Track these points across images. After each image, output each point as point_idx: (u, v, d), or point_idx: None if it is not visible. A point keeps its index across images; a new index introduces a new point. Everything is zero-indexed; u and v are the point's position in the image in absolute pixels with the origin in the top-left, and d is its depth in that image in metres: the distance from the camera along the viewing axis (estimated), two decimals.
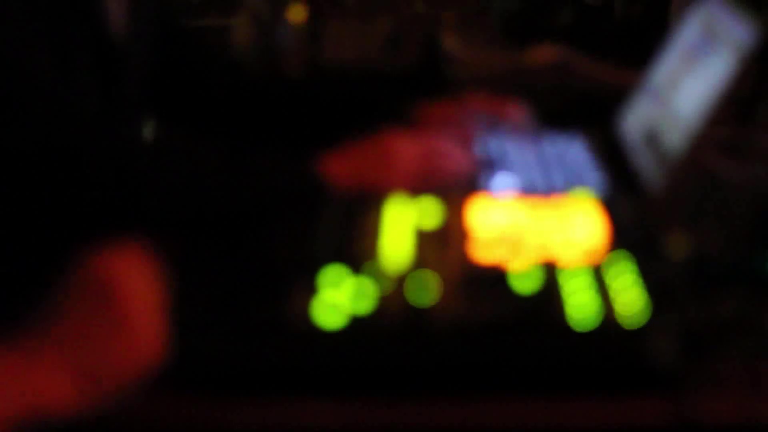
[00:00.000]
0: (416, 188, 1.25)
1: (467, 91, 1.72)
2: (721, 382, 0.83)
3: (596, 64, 1.77)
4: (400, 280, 0.89)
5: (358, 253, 0.94)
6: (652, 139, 1.25)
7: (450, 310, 0.84)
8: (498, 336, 0.81)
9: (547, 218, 0.99)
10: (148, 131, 1.50)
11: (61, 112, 1.17)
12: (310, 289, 0.87)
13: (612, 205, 1.01)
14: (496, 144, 1.41)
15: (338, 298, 0.86)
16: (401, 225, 1.00)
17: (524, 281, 0.87)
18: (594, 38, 1.91)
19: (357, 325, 0.83)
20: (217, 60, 1.51)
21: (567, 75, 1.74)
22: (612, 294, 0.85)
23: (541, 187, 1.26)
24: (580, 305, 0.83)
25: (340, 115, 1.43)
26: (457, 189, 1.26)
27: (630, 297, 0.84)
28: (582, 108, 1.69)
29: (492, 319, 0.83)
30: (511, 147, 1.39)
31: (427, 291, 0.87)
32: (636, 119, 1.36)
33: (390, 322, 0.83)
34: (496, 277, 0.89)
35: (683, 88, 1.24)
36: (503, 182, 1.27)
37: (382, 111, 1.41)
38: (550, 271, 0.89)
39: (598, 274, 0.88)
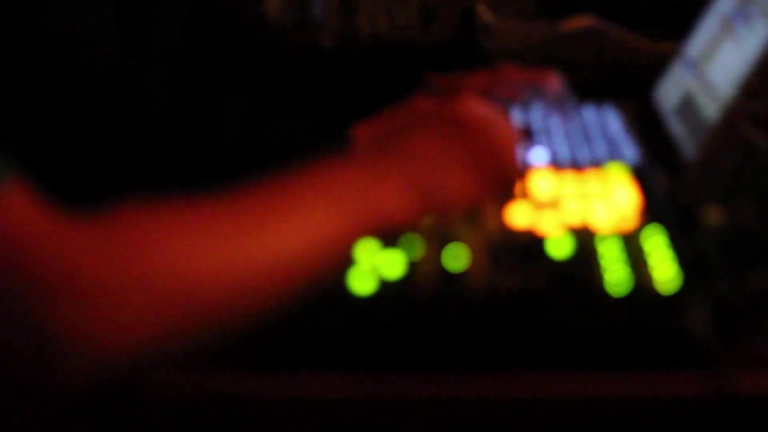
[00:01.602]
0: None
1: (502, 62, 1.71)
2: (756, 356, 0.83)
3: (631, 33, 1.76)
4: (433, 245, 0.89)
5: None
6: (688, 109, 1.24)
7: (483, 275, 0.84)
8: (531, 301, 0.81)
9: (582, 188, 0.98)
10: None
11: (74, 42, 1.16)
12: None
13: (647, 175, 1.01)
14: (531, 114, 1.41)
15: (371, 265, 0.86)
16: None
17: (558, 247, 0.87)
18: (630, 8, 1.89)
19: (389, 290, 0.83)
20: (251, 30, 1.50)
21: (602, 44, 1.73)
22: (646, 264, 0.84)
23: (576, 157, 1.25)
24: (614, 273, 0.83)
25: (374, 88, 1.43)
26: None
27: (664, 268, 0.84)
28: (618, 78, 1.68)
29: (525, 284, 0.83)
30: (547, 117, 1.39)
31: (460, 257, 0.87)
32: (672, 90, 1.35)
33: (422, 287, 0.83)
34: (529, 242, 0.89)
35: (719, 58, 1.23)
36: (538, 152, 1.27)
37: (417, 83, 1.40)
38: (584, 238, 0.89)
39: (632, 243, 0.88)
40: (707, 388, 0.78)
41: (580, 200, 0.96)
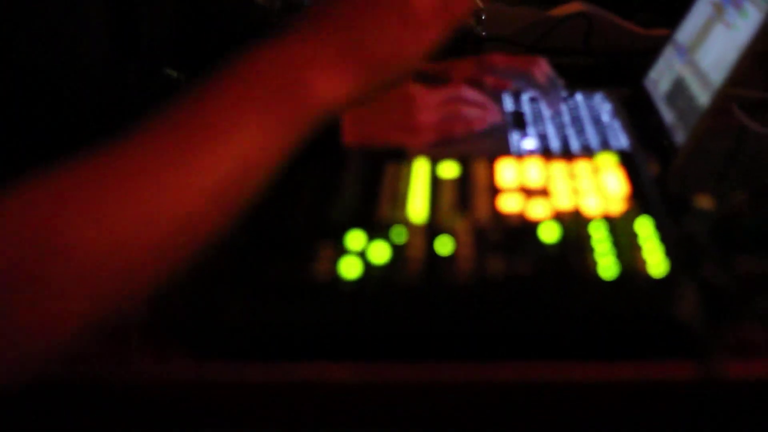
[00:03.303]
0: (439, 136, 1.24)
1: (491, 47, 1.71)
2: (744, 341, 0.83)
3: (622, 19, 1.75)
4: (421, 230, 0.88)
5: (380, 204, 0.94)
6: (679, 95, 1.24)
7: (471, 260, 0.84)
8: (520, 285, 0.81)
9: (572, 174, 0.98)
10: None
11: (60, 42, 1.15)
12: (331, 245, 0.86)
13: (637, 161, 1.00)
14: (520, 102, 1.40)
15: (358, 249, 0.86)
16: (422, 176, 0.99)
17: (547, 232, 0.87)
18: None
19: (375, 274, 0.83)
20: (239, 15, 1.49)
21: (592, 30, 1.72)
22: (635, 249, 0.84)
23: (566, 143, 1.25)
24: (602, 257, 0.83)
25: None
26: (479, 140, 1.26)
27: (653, 253, 0.84)
28: (608, 65, 1.67)
29: (514, 268, 0.82)
30: (536, 104, 1.39)
31: (449, 241, 0.86)
32: (663, 76, 1.35)
33: (410, 272, 0.83)
34: (518, 227, 0.88)
35: (710, 44, 1.22)
36: (527, 138, 1.26)
37: None
38: (574, 223, 0.88)
39: (621, 229, 0.87)
40: (695, 374, 0.78)
41: (569, 186, 0.95)
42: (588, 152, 1.07)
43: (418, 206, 0.93)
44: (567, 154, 1.04)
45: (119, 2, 1.26)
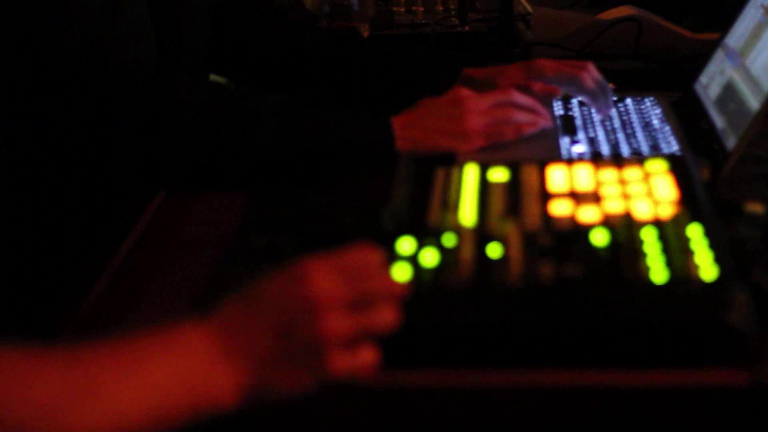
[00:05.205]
0: (489, 140, 1.24)
1: (540, 51, 1.71)
2: None
3: (672, 23, 1.75)
4: (471, 234, 0.89)
5: (431, 209, 0.94)
6: (729, 100, 1.23)
7: (521, 264, 0.84)
8: (571, 289, 0.81)
9: (622, 179, 0.98)
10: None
11: (107, 44, 1.16)
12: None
13: (688, 166, 1.00)
14: (569, 105, 1.41)
15: (409, 253, 0.86)
16: (472, 180, 1.00)
17: (597, 236, 0.87)
18: (671, 1, 1.88)
19: (426, 278, 0.83)
20: (286, 18, 1.50)
21: (642, 34, 1.72)
22: (686, 254, 0.84)
23: (616, 148, 1.25)
24: (653, 262, 0.83)
25: (412, 78, 1.42)
26: (529, 145, 1.26)
27: (703, 258, 0.83)
28: (658, 69, 1.67)
29: (563, 272, 0.83)
30: (585, 108, 1.39)
31: (499, 245, 0.87)
32: (712, 80, 1.34)
33: (460, 275, 0.83)
34: (568, 231, 0.89)
35: (760, 48, 1.22)
36: (577, 143, 1.27)
37: (455, 73, 1.40)
38: (624, 227, 0.88)
39: (672, 233, 0.87)
40: (746, 380, 0.78)
41: (620, 191, 0.96)
42: (638, 157, 1.07)
43: (468, 211, 0.94)
44: (617, 159, 1.04)
45: (163, 9, 1.27)
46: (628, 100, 1.41)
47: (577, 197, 0.95)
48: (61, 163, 1.16)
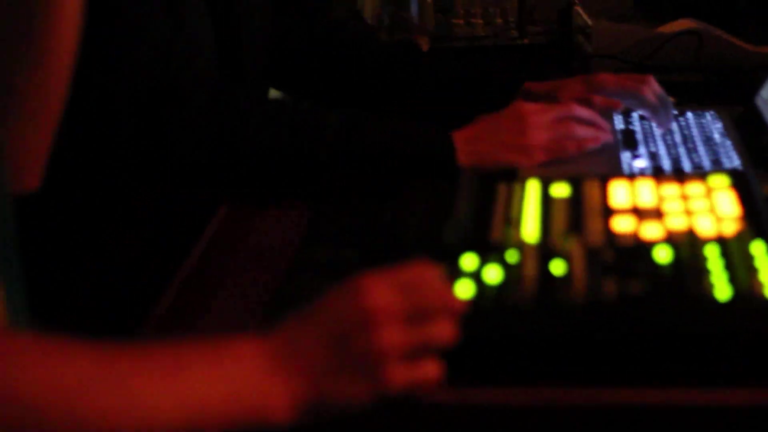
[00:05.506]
0: (551, 155, 1.25)
1: (600, 64, 1.71)
2: None
3: (733, 36, 1.74)
4: (534, 250, 0.90)
5: (493, 225, 0.95)
6: None
7: (584, 280, 0.85)
8: (634, 306, 0.82)
9: (684, 195, 0.98)
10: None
11: (171, 61, 1.18)
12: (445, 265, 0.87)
13: (750, 182, 1.00)
14: (630, 119, 1.40)
15: (471, 269, 0.87)
16: (534, 196, 1.00)
17: (660, 253, 0.87)
18: (731, 11, 1.87)
19: (489, 295, 0.84)
20: (347, 30, 1.51)
21: (702, 48, 1.72)
22: (749, 270, 0.84)
23: (677, 163, 1.25)
24: (717, 278, 0.83)
25: (471, 90, 1.43)
26: (591, 159, 1.26)
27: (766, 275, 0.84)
28: (719, 83, 1.66)
29: (627, 288, 0.83)
30: (647, 124, 1.39)
31: (562, 262, 0.87)
32: None
33: (523, 292, 0.84)
34: (631, 248, 0.89)
35: None
36: (638, 158, 1.27)
37: (515, 86, 1.41)
38: (687, 244, 0.89)
39: (735, 249, 0.87)
40: None
41: (682, 207, 0.96)
42: (700, 172, 1.07)
43: (530, 227, 0.94)
44: (679, 175, 1.04)
45: (225, 25, 1.29)
46: (689, 114, 1.41)
47: (639, 213, 0.95)
48: (131, 177, 1.18)
